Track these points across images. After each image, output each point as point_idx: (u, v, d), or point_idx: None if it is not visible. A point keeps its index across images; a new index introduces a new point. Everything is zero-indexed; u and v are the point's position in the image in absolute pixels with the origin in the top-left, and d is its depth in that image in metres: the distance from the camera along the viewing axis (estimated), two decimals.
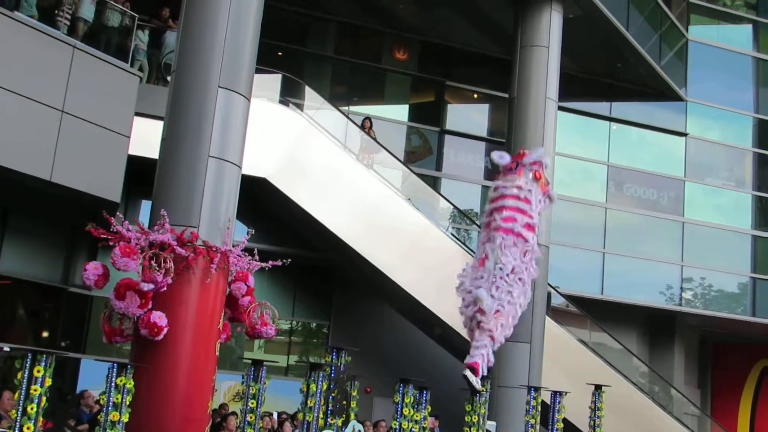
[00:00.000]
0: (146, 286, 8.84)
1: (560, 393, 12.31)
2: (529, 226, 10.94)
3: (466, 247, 18.87)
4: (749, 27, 26.09)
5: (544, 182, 11.27)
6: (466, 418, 10.70)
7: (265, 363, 9.21)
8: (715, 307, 23.85)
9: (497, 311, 10.39)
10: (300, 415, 9.42)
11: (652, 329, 24.04)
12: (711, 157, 24.92)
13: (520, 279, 10.64)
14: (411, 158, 21.44)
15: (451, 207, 19.84)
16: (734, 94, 25.18)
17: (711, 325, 24.54)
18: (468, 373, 10.23)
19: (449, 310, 16.30)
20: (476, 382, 10.26)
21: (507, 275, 10.50)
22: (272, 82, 16.54)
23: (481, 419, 10.71)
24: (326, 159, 16.64)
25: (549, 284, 17.72)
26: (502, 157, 11.33)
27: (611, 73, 23.15)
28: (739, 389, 25.35)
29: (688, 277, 23.56)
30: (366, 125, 18.78)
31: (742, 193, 25.01)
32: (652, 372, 22.67)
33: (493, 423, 14.23)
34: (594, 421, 12.63)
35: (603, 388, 12.79)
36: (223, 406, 13.66)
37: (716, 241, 23.88)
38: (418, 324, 18.56)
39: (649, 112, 24.04)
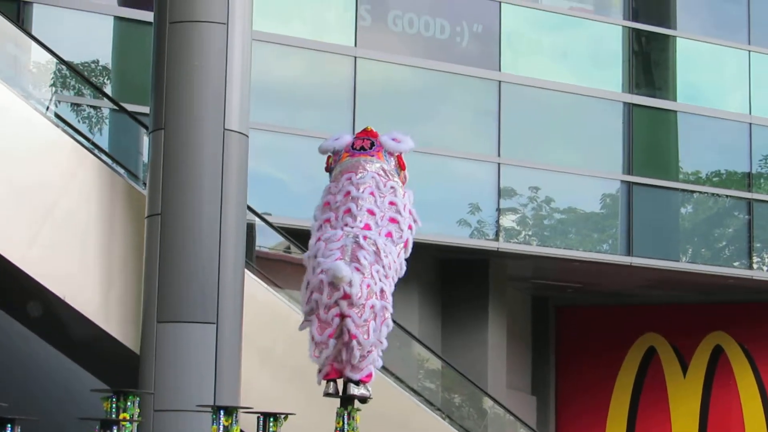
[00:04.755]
0: None
1: (276, 416, 9.17)
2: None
3: (83, 136, 14.61)
4: None
5: (404, 177, 9.69)
6: None
7: None
8: (558, 243, 18.71)
9: (369, 286, 8.87)
10: None
11: (445, 287, 19.11)
12: None
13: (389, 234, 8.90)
14: None
15: (56, 63, 15.49)
16: None
17: (552, 275, 19.81)
18: (353, 389, 9.15)
19: (54, 263, 13.31)
20: (368, 391, 9.34)
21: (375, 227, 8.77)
22: None
23: None
24: None
25: (251, 209, 13.78)
26: (338, 139, 9.68)
27: None
28: (606, 389, 20.15)
29: (509, 188, 18.13)
30: None
31: None
32: (447, 367, 17.56)
33: None
34: None
35: (356, 405, 9.65)
36: None
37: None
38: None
39: None
